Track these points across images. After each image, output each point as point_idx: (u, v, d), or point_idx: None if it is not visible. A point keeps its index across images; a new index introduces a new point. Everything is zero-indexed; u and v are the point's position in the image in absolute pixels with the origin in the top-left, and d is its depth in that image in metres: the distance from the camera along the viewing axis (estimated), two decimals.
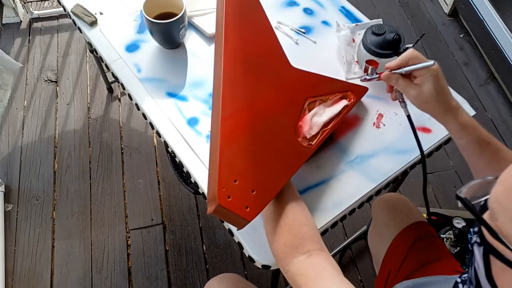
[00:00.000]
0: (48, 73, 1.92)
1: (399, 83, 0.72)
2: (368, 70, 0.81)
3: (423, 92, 0.69)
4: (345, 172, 0.86)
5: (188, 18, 1.03)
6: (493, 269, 0.43)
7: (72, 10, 1.08)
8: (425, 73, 0.69)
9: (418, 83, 0.70)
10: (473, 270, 0.48)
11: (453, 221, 1.38)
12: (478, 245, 0.45)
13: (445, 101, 0.70)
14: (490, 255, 0.43)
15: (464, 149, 0.72)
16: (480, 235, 0.44)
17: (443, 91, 0.69)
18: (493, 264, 0.43)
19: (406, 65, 0.70)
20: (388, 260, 0.96)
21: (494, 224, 0.41)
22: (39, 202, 1.59)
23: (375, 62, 0.82)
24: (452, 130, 0.71)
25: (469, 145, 0.70)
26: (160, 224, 1.55)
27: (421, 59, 0.69)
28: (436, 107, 0.70)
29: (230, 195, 0.63)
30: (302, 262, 0.62)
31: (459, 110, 0.70)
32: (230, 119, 0.70)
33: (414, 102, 0.72)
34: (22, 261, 1.47)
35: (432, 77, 0.68)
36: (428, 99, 0.69)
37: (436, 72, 0.68)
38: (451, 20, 2.19)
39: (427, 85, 0.69)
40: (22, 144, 1.72)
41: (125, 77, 0.98)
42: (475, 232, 0.46)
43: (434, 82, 0.68)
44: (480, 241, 0.44)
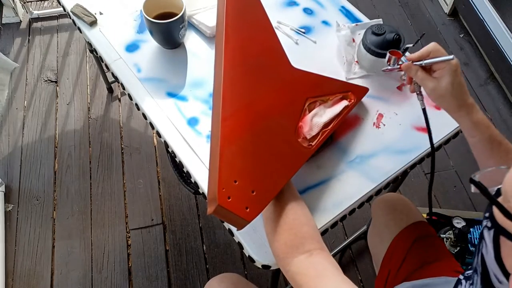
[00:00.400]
0: (48, 73, 1.92)
1: (418, 75, 0.73)
2: (391, 60, 0.82)
3: (440, 85, 0.70)
4: (345, 172, 0.86)
5: (188, 18, 1.03)
6: (503, 251, 0.45)
7: (72, 10, 1.08)
8: (444, 67, 0.70)
9: (436, 76, 0.71)
10: (480, 257, 0.49)
11: (453, 221, 1.38)
12: (488, 229, 0.46)
13: (461, 97, 0.70)
14: (500, 236, 0.44)
15: (475, 147, 0.73)
16: (491, 219, 0.46)
17: (459, 86, 0.70)
18: (502, 245, 0.45)
19: (428, 57, 0.71)
20: (388, 260, 0.96)
21: (506, 205, 0.43)
22: (40, 202, 1.59)
23: (398, 53, 0.82)
24: (465, 127, 0.72)
25: (480, 143, 0.71)
26: (160, 224, 1.55)
27: (442, 53, 0.71)
28: (451, 101, 0.71)
29: (230, 196, 0.63)
30: (303, 261, 0.62)
31: (474, 107, 0.71)
32: (230, 119, 0.70)
33: (431, 94, 0.73)
34: (22, 261, 1.47)
35: (450, 72, 0.69)
36: (444, 92, 0.70)
37: (455, 68, 0.69)
38: (451, 20, 2.19)
39: (445, 79, 0.69)
40: (23, 144, 1.72)
41: (125, 77, 0.98)
42: (486, 217, 0.47)
43: (452, 76, 0.69)
44: (491, 225, 0.46)
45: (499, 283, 0.47)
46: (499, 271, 0.45)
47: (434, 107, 0.96)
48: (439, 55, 0.70)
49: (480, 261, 0.49)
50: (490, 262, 0.47)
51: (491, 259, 0.46)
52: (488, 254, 0.47)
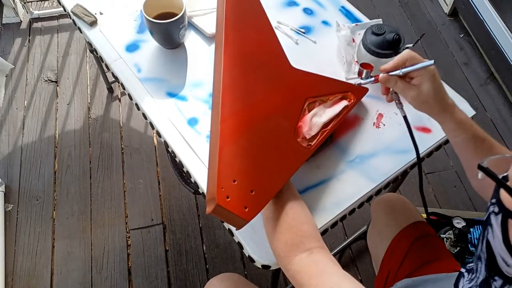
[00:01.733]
0: (48, 73, 1.92)
1: (398, 85, 0.72)
2: (363, 73, 0.80)
3: (421, 92, 0.69)
4: (345, 172, 0.86)
5: (188, 18, 1.03)
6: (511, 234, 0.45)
7: (72, 10, 1.08)
8: (422, 73, 0.69)
9: (416, 83, 0.70)
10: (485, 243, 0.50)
11: (453, 221, 1.38)
12: (495, 214, 0.47)
13: (443, 100, 0.70)
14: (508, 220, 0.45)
15: (459, 146, 0.72)
16: (498, 204, 0.46)
17: (440, 89, 0.70)
18: (511, 229, 0.45)
19: (403, 66, 0.70)
20: (388, 260, 0.96)
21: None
22: (39, 202, 1.59)
23: (370, 65, 0.80)
24: (449, 128, 0.71)
25: (464, 142, 0.70)
26: (160, 224, 1.55)
27: (418, 59, 0.69)
28: (434, 106, 0.70)
29: (229, 195, 0.63)
30: (304, 259, 0.63)
31: (455, 107, 0.71)
32: (229, 119, 0.70)
33: (413, 103, 0.72)
34: (22, 261, 1.47)
35: (429, 77, 0.68)
36: (427, 98, 0.69)
37: (433, 71, 0.69)
38: (451, 20, 2.19)
39: (425, 85, 0.68)
40: (22, 144, 1.72)
41: (125, 77, 0.98)
42: (493, 203, 0.48)
43: (432, 81, 0.68)
44: (498, 209, 0.46)
45: (507, 267, 0.47)
46: (507, 254, 0.46)
47: None
48: (416, 62, 0.69)
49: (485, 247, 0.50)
50: (497, 246, 0.47)
51: (499, 244, 0.47)
52: (495, 239, 0.47)
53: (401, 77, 0.71)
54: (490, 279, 0.50)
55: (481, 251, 0.51)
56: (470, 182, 0.75)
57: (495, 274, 0.49)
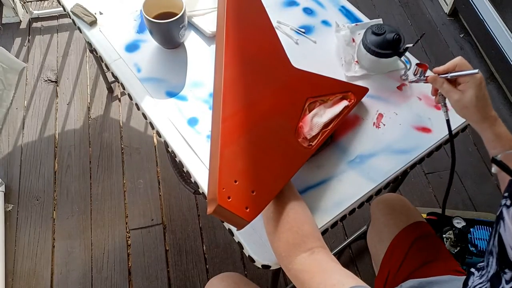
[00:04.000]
0: (48, 73, 1.92)
1: (444, 87, 0.76)
2: (418, 72, 0.86)
3: (464, 97, 0.73)
4: (345, 172, 0.86)
5: (188, 18, 1.03)
6: None
7: (71, 10, 1.08)
8: (469, 80, 0.73)
9: (461, 89, 0.74)
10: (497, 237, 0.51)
11: (453, 221, 1.38)
12: (507, 207, 0.48)
13: (484, 110, 0.73)
14: None
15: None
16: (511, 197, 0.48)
17: (483, 99, 0.73)
18: None
19: (453, 70, 0.75)
20: (388, 260, 0.96)
21: None
22: (40, 202, 1.59)
23: (424, 65, 0.86)
24: (487, 139, 0.74)
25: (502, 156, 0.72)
26: (160, 224, 1.55)
27: (467, 67, 0.74)
28: (474, 113, 0.74)
29: (230, 196, 0.63)
30: (306, 259, 0.63)
31: (497, 120, 0.74)
32: (230, 119, 0.70)
33: (455, 106, 0.76)
34: (22, 261, 1.47)
35: (475, 85, 0.72)
36: (468, 104, 0.73)
37: (479, 81, 0.73)
38: (451, 20, 2.18)
39: (469, 92, 0.73)
40: (22, 144, 1.72)
41: (125, 77, 0.98)
42: (505, 196, 0.50)
43: (476, 89, 0.72)
44: (510, 202, 0.48)
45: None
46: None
47: (433, 107, 0.96)
48: (464, 69, 0.74)
49: (497, 241, 0.51)
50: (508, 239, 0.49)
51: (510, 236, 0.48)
52: (506, 231, 0.49)
53: (449, 80, 0.76)
54: (501, 272, 0.51)
55: (493, 246, 0.52)
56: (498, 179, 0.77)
57: (506, 267, 0.50)
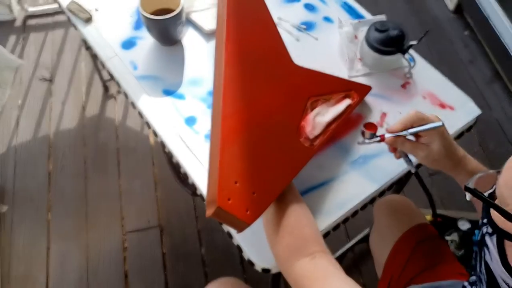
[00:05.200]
0: (42, 71, 1.90)
1: (406, 146, 0.70)
2: (367, 135, 0.75)
3: (432, 151, 0.68)
4: (348, 173, 0.85)
5: (186, 14, 1.02)
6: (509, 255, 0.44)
7: (67, 7, 1.07)
8: (431, 132, 0.68)
9: (425, 142, 0.69)
10: (483, 265, 0.49)
11: (458, 223, 1.36)
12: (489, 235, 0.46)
13: (454, 155, 0.70)
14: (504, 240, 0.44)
15: None
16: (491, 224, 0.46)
17: (451, 146, 0.69)
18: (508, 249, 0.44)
19: (410, 127, 0.69)
20: (391, 263, 0.95)
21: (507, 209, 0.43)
22: (34, 203, 1.57)
23: (374, 126, 0.76)
24: (463, 181, 0.71)
25: None
26: (156, 226, 1.53)
27: (426, 119, 0.68)
28: (446, 163, 0.70)
29: (230, 197, 0.62)
30: (306, 264, 0.62)
31: (467, 158, 0.71)
32: (231, 118, 0.68)
33: (423, 161, 0.71)
34: (17, 264, 1.45)
35: (439, 136, 0.68)
36: (438, 157, 0.69)
37: (442, 129, 0.68)
38: (456, 17, 2.17)
39: (435, 144, 0.68)
40: (16, 144, 1.70)
41: (121, 75, 0.97)
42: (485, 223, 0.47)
43: (442, 140, 0.68)
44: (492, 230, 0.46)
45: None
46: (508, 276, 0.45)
47: (438, 105, 0.94)
48: (422, 123, 0.68)
49: (484, 269, 0.49)
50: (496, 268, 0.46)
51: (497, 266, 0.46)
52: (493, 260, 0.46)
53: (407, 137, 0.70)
54: None
55: (481, 273, 0.50)
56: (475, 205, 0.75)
57: None
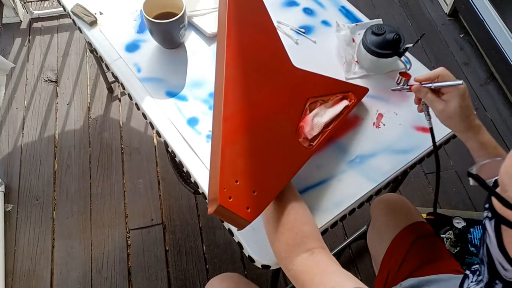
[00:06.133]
0: (48, 73, 1.92)
1: (428, 96, 0.76)
2: (401, 81, 0.86)
3: (448, 107, 0.73)
4: (345, 172, 0.86)
5: (188, 18, 1.03)
6: (505, 239, 0.46)
7: (72, 10, 1.08)
8: (452, 90, 0.73)
9: (445, 99, 0.74)
10: (485, 247, 0.51)
11: (453, 221, 1.38)
12: (489, 219, 0.48)
13: (468, 119, 0.73)
14: (501, 225, 0.46)
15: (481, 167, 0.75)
16: (491, 209, 0.47)
17: (467, 109, 0.73)
18: (504, 234, 0.46)
19: (435, 80, 0.74)
20: (388, 260, 0.96)
21: (505, 195, 0.44)
22: (39, 202, 1.59)
23: (408, 75, 0.86)
24: (472, 148, 0.75)
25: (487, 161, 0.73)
26: (160, 224, 1.55)
27: (450, 77, 0.74)
28: (458, 123, 0.74)
29: (231, 196, 0.63)
30: (306, 259, 0.63)
31: (481, 129, 0.74)
32: (232, 119, 0.69)
33: (439, 116, 0.76)
34: (22, 261, 1.47)
35: (458, 95, 0.72)
36: (452, 114, 0.73)
37: (463, 91, 0.72)
38: (451, 20, 2.19)
39: (453, 102, 0.72)
40: (22, 144, 1.72)
41: (125, 77, 0.98)
42: (486, 208, 0.49)
43: (460, 99, 0.72)
44: (491, 215, 0.47)
45: (504, 271, 0.48)
46: (503, 259, 0.47)
47: None
48: (447, 79, 0.74)
49: (485, 251, 0.51)
50: (494, 251, 0.48)
51: (495, 248, 0.48)
52: (491, 243, 0.48)
53: (433, 90, 0.76)
54: (492, 282, 0.51)
55: (483, 255, 0.52)
56: None
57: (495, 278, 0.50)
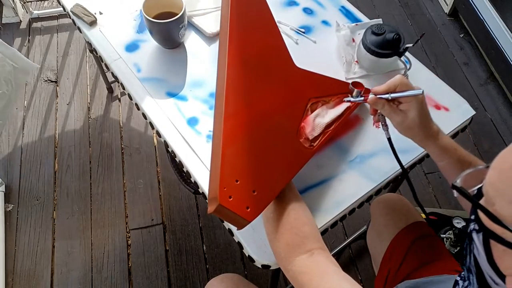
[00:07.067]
0: (48, 73, 1.92)
1: (385, 109, 0.72)
2: (354, 92, 0.80)
3: (407, 118, 0.70)
4: (345, 172, 0.86)
5: (188, 17, 1.03)
6: (494, 253, 0.44)
7: (71, 10, 1.08)
8: (410, 100, 0.69)
9: (403, 109, 0.71)
10: (472, 258, 0.48)
11: (453, 221, 1.38)
12: (476, 232, 0.46)
13: (427, 127, 0.71)
14: (490, 240, 0.44)
15: (445, 169, 0.74)
16: (478, 222, 0.45)
17: (426, 117, 0.71)
18: (493, 248, 0.44)
19: (394, 91, 0.70)
20: (387, 260, 0.96)
21: (491, 209, 0.42)
22: (40, 202, 1.59)
23: (361, 85, 0.82)
24: (433, 153, 0.73)
25: (449, 166, 0.72)
26: (160, 224, 1.55)
27: (409, 86, 0.70)
28: (418, 132, 0.71)
29: (231, 195, 0.63)
30: (305, 260, 0.63)
31: (439, 134, 0.72)
32: (233, 118, 0.69)
33: (398, 127, 0.73)
34: (22, 261, 1.47)
35: (417, 105, 0.69)
36: (412, 125, 0.70)
37: (421, 100, 0.70)
38: (451, 20, 2.18)
39: (412, 112, 0.70)
40: (23, 144, 1.72)
41: (125, 77, 0.98)
42: (472, 219, 0.47)
43: (419, 109, 0.69)
44: (478, 227, 0.45)
45: (495, 284, 0.46)
46: (494, 273, 0.45)
47: (433, 106, 0.96)
48: (405, 89, 0.69)
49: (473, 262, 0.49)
50: (483, 264, 0.46)
51: (484, 262, 0.46)
52: (480, 256, 0.46)
53: (389, 101, 0.72)
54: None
55: (471, 265, 0.50)
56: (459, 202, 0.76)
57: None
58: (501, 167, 0.41)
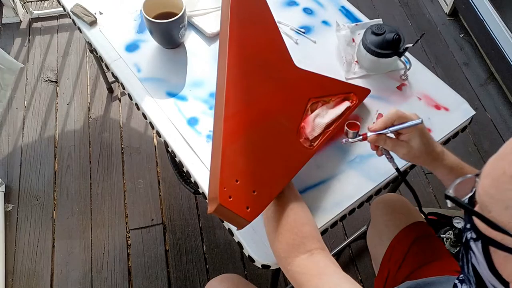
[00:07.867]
0: (48, 73, 1.92)
1: (387, 143, 0.72)
2: (349, 134, 0.76)
3: (412, 148, 0.70)
4: (345, 171, 0.86)
5: (188, 17, 1.03)
6: (495, 261, 0.43)
7: (72, 10, 1.08)
8: (411, 130, 0.69)
9: (404, 139, 0.71)
10: (471, 267, 0.48)
11: (453, 221, 1.38)
12: (474, 240, 0.45)
13: (433, 151, 0.71)
14: (490, 247, 0.43)
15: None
16: (475, 230, 0.44)
17: (429, 143, 0.71)
18: (494, 256, 0.43)
19: (392, 125, 0.70)
20: (388, 260, 0.96)
21: (489, 216, 0.42)
22: (40, 202, 1.59)
23: (356, 125, 0.76)
24: (442, 174, 0.73)
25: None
26: (160, 224, 1.55)
27: (407, 117, 0.70)
28: (426, 159, 0.72)
29: (231, 195, 0.63)
30: (305, 260, 0.63)
31: (445, 153, 0.72)
32: (233, 118, 0.69)
33: (404, 158, 0.73)
34: (22, 261, 1.47)
35: (419, 133, 0.69)
36: (418, 154, 0.70)
37: (421, 127, 0.70)
38: (451, 20, 2.18)
39: (415, 141, 0.70)
40: (23, 144, 1.72)
41: (125, 77, 0.98)
42: (468, 228, 0.46)
43: (421, 137, 0.69)
44: (476, 236, 0.44)
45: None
46: (496, 281, 0.44)
47: (433, 106, 0.96)
48: (404, 121, 0.69)
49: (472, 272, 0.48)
50: (484, 273, 0.45)
51: (485, 270, 0.45)
52: (480, 265, 0.45)
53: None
54: None
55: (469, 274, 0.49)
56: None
57: None
58: (493, 175, 0.41)
